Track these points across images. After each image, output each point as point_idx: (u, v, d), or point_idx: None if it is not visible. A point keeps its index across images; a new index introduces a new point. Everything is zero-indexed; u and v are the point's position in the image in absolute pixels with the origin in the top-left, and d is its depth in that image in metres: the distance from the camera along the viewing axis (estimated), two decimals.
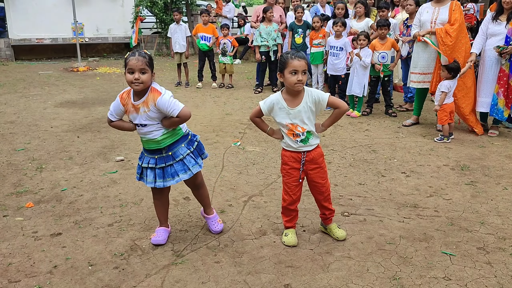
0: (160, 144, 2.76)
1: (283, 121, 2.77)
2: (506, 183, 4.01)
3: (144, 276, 2.58)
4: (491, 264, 2.71)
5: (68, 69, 11.07)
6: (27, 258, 2.75)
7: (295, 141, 2.79)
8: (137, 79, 2.57)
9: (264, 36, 8.09)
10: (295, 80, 2.64)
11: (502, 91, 5.25)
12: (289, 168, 2.85)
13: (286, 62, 2.65)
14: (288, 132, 2.79)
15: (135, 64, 2.57)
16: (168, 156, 2.78)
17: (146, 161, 2.82)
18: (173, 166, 2.79)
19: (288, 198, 2.89)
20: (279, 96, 2.78)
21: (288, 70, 2.64)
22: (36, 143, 5.10)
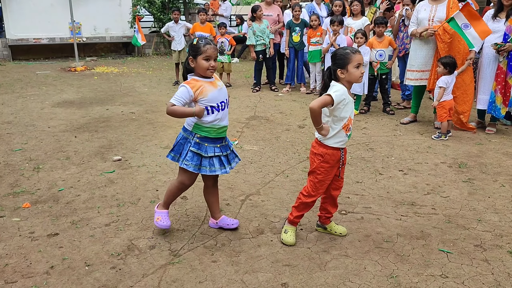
0: (225, 131, 2.94)
1: (347, 114, 2.74)
2: (504, 180, 4.01)
3: (141, 276, 2.58)
4: (488, 262, 2.71)
5: (65, 69, 11.04)
6: (23, 259, 2.75)
7: (346, 135, 2.79)
8: (213, 66, 2.78)
9: (259, 34, 8.07)
10: (360, 73, 2.70)
11: (499, 89, 5.25)
12: (329, 167, 2.81)
13: (349, 57, 2.66)
14: (344, 126, 2.75)
15: (212, 52, 2.76)
16: (226, 146, 2.96)
17: (211, 151, 2.86)
18: (229, 155, 2.98)
19: (316, 194, 2.86)
20: (345, 88, 2.72)
21: (352, 64, 2.67)
22: (33, 143, 5.09)
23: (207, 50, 2.74)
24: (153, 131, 5.60)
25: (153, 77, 10.02)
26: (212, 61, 2.77)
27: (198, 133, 2.84)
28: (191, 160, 2.83)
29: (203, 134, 2.83)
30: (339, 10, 7.12)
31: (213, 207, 3.12)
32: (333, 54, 2.79)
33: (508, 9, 5.17)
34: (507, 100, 5.25)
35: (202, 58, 2.75)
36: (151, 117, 6.33)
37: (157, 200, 3.59)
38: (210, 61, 2.76)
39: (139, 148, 4.92)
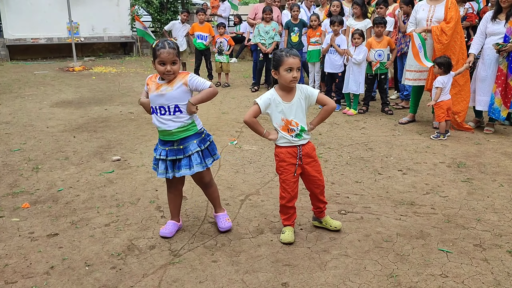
0: (173, 136, 2.82)
1: (279, 117, 2.81)
2: (502, 180, 4.02)
3: (141, 276, 2.58)
4: (488, 261, 2.72)
5: (63, 69, 11.03)
6: (23, 259, 2.74)
7: (290, 136, 2.83)
8: (169, 71, 2.71)
9: (262, 35, 8.10)
10: (291, 77, 2.71)
11: (499, 90, 5.25)
12: (286, 165, 2.86)
13: (281, 60, 2.71)
14: (283, 128, 2.82)
15: (166, 57, 2.68)
16: (179, 150, 2.84)
17: (159, 153, 2.88)
18: (181, 160, 2.85)
19: (286, 195, 2.90)
20: (273, 92, 2.82)
21: (283, 67, 2.70)
22: (32, 143, 5.08)
23: (161, 55, 2.68)
24: (152, 131, 5.59)
25: None
26: (168, 66, 2.69)
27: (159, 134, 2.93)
28: (154, 160, 2.97)
29: (159, 136, 2.92)
30: (337, 11, 7.13)
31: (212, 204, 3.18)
32: (272, 54, 2.87)
33: (507, 10, 5.17)
34: (508, 102, 5.24)
35: (157, 63, 2.71)
36: (150, 117, 6.29)
37: (157, 200, 3.59)
38: (166, 65, 2.69)
39: (138, 148, 4.92)
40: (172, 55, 2.68)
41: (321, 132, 5.55)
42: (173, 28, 8.97)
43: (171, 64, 2.70)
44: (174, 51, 2.70)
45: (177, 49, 2.77)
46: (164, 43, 2.71)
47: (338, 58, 6.78)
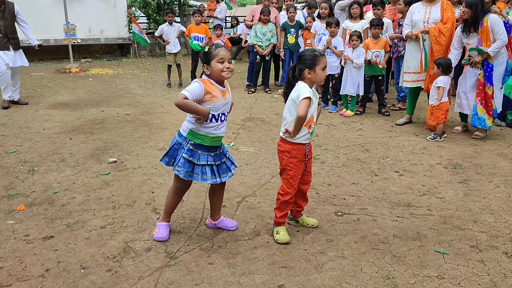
0: (220, 141, 2.93)
1: (311, 112, 2.87)
2: (498, 181, 4.03)
3: (137, 278, 2.57)
4: (484, 262, 2.72)
5: (60, 71, 10.99)
6: (18, 262, 2.73)
7: (308, 132, 2.91)
8: (228, 68, 2.75)
9: (259, 36, 8.10)
10: (324, 75, 2.85)
11: (479, 100, 5.25)
12: (297, 161, 2.93)
13: (317, 59, 2.81)
14: (306, 124, 2.87)
15: (225, 54, 2.74)
16: (221, 154, 2.93)
17: (204, 159, 2.84)
18: (226, 162, 2.95)
19: (292, 191, 2.95)
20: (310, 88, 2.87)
21: (320, 66, 2.81)
22: (27, 145, 5.06)
23: (219, 53, 2.73)
24: (149, 132, 5.58)
25: (148, 78, 9.99)
26: (227, 63, 2.74)
27: (192, 139, 2.82)
28: (182, 166, 2.82)
29: (197, 141, 2.82)
30: (326, 13, 7.15)
31: (215, 208, 3.14)
32: (300, 55, 2.92)
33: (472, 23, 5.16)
34: (490, 110, 5.24)
35: (216, 61, 2.73)
36: (147, 118, 6.31)
37: (153, 202, 3.58)
38: (225, 62, 2.74)
39: (134, 150, 4.90)
40: (229, 53, 2.78)
41: (318, 133, 5.55)
42: (162, 32, 8.94)
43: (228, 61, 2.75)
44: (229, 52, 2.82)
45: None
46: (218, 44, 2.81)
47: (335, 59, 6.79)
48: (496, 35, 5.05)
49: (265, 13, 8.03)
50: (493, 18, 5.06)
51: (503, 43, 5.06)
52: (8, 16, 6.69)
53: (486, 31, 5.09)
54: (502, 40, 5.03)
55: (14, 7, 6.79)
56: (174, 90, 8.69)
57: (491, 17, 5.07)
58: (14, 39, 6.82)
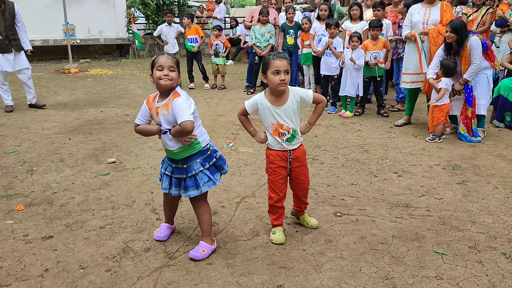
0: (176, 156, 2.73)
1: (268, 121, 2.81)
2: (497, 182, 4.04)
3: (136, 278, 2.57)
4: (483, 263, 2.72)
5: (59, 71, 10.99)
6: (17, 262, 2.73)
7: (281, 140, 2.82)
8: (166, 75, 2.59)
9: (257, 37, 8.12)
10: (278, 80, 2.67)
11: (462, 119, 5.31)
12: (276, 167, 2.88)
13: (268, 63, 2.69)
14: (273, 132, 2.82)
15: (164, 61, 2.61)
16: (183, 169, 2.74)
17: (165, 167, 2.83)
18: (186, 180, 2.74)
19: (275, 196, 2.92)
20: (262, 96, 2.81)
21: (270, 70, 2.68)
22: (27, 145, 5.06)
23: (159, 60, 2.63)
24: None
25: (147, 79, 9.99)
26: (166, 70, 2.59)
27: None
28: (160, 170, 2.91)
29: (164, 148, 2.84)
30: (325, 15, 7.17)
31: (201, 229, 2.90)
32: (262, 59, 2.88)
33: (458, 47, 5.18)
34: (470, 130, 5.31)
35: (155, 69, 2.63)
36: None
37: (152, 202, 3.58)
38: (163, 70, 2.60)
39: (133, 150, 4.90)
40: (170, 61, 2.62)
41: (317, 134, 5.56)
42: (161, 32, 8.96)
43: (169, 69, 2.60)
44: (173, 59, 2.65)
45: (177, 61, 2.70)
46: (163, 53, 2.75)
47: (334, 60, 6.80)
48: (471, 58, 5.14)
49: (264, 14, 8.04)
50: (473, 41, 5.12)
51: (476, 67, 5.15)
52: (9, 17, 6.41)
53: (466, 55, 5.17)
54: (476, 64, 5.13)
55: (14, 7, 6.49)
56: None
57: (471, 40, 5.13)
58: (15, 41, 6.53)
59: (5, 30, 6.39)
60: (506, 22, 6.84)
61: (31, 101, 6.93)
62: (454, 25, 5.10)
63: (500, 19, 6.91)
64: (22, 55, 6.79)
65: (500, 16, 6.86)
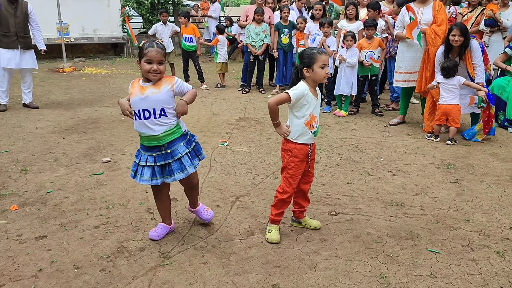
0: (160, 141, 2.76)
1: (308, 111, 2.86)
2: (490, 181, 4.06)
3: (131, 278, 2.56)
4: (476, 261, 2.74)
5: (53, 70, 10.93)
6: (11, 262, 2.71)
7: (310, 132, 2.89)
8: (155, 70, 2.66)
9: (252, 36, 8.11)
10: (324, 73, 2.83)
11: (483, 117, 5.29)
12: (299, 161, 2.91)
13: (315, 57, 2.80)
14: (307, 123, 2.86)
15: (154, 55, 2.65)
16: (167, 154, 2.78)
17: (143, 159, 2.81)
18: (171, 164, 2.79)
19: (290, 190, 2.94)
20: (306, 86, 2.85)
21: (318, 64, 2.80)
22: (20, 144, 5.03)
23: (148, 53, 2.65)
24: None
25: None
26: (155, 65, 2.65)
27: (140, 140, 2.86)
28: (133, 167, 2.89)
29: (141, 141, 2.85)
30: (319, 14, 7.19)
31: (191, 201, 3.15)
32: (300, 54, 2.93)
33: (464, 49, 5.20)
34: (487, 128, 5.30)
35: (144, 61, 2.67)
36: None
37: (147, 202, 3.57)
38: (152, 64, 2.65)
39: (128, 149, 4.89)
40: (160, 55, 2.66)
41: None
42: (156, 31, 8.94)
43: (158, 63, 2.66)
44: (162, 51, 2.69)
45: (165, 50, 2.75)
46: (152, 42, 2.69)
47: None
48: (474, 60, 5.21)
49: (259, 13, 8.04)
50: (473, 44, 5.19)
51: (482, 68, 5.23)
52: (20, 15, 6.53)
53: (468, 57, 5.22)
54: (480, 65, 5.21)
55: (28, 7, 6.62)
56: None
57: (472, 43, 5.19)
58: (24, 38, 6.60)
59: (14, 26, 6.51)
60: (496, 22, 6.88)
61: (26, 101, 6.90)
62: (462, 28, 5.12)
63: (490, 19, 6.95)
64: (32, 54, 6.82)
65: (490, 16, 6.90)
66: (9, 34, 6.46)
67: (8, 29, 6.44)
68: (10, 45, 6.52)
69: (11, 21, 6.47)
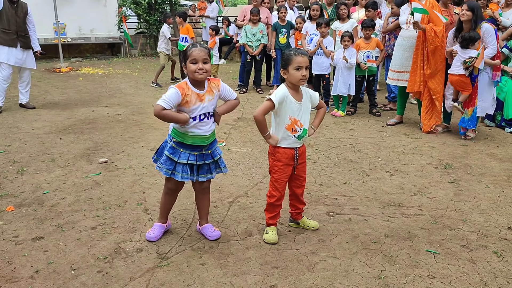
0: (208, 140, 2.84)
1: (287, 115, 2.81)
2: (488, 181, 4.07)
3: (128, 279, 2.55)
4: (474, 262, 2.74)
5: (50, 70, 10.89)
6: (7, 263, 2.69)
7: (292, 136, 2.84)
8: (201, 69, 2.69)
9: (249, 37, 8.11)
10: (300, 75, 2.74)
11: None
12: (282, 165, 2.89)
13: (290, 59, 2.74)
14: (288, 127, 2.82)
15: (198, 54, 2.68)
16: (207, 154, 2.86)
17: (184, 157, 2.80)
18: (210, 165, 2.89)
19: (277, 194, 2.92)
20: (286, 89, 2.82)
21: (293, 66, 2.74)
22: (17, 145, 5.00)
23: (192, 53, 2.69)
24: (140, 132, 5.55)
25: (139, 78, 9.94)
26: (200, 63, 2.68)
27: (175, 137, 2.83)
28: (164, 163, 2.84)
29: (179, 139, 2.81)
30: (317, 15, 7.21)
31: (200, 213, 3.10)
32: (282, 54, 2.91)
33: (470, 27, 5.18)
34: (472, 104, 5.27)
35: (189, 62, 2.70)
36: (138, 118, 6.27)
37: (144, 202, 3.56)
38: (198, 63, 2.68)
39: (125, 150, 4.87)
40: (204, 53, 2.69)
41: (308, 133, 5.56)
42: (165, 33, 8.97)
43: (202, 62, 2.68)
44: (206, 50, 2.72)
45: (209, 50, 2.77)
46: (196, 44, 2.75)
47: (325, 60, 6.81)
48: (488, 44, 5.15)
49: (255, 14, 8.04)
50: (487, 27, 5.13)
51: (494, 52, 5.18)
52: (21, 15, 6.58)
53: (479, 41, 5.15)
54: (494, 49, 5.15)
55: (27, 8, 6.69)
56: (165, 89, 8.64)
57: (485, 26, 5.14)
58: (24, 38, 6.63)
59: (15, 25, 6.54)
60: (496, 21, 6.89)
61: (23, 101, 6.88)
62: (470, 4, 5.11)
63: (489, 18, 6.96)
64: (30, 54, 6.85)
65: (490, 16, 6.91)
66: (9, 31, 6.49)
67: (9, 27, 6.48)
68: (10, 43, 6.53)
69: (12, 20, 6.50)
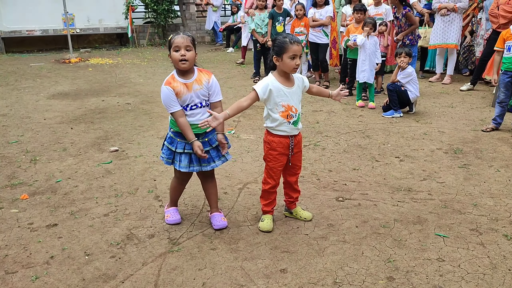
0: (202, 129, 2.76)
1: (280, 102, 2.76)
2: (499, 165, 4.04)
3: (140, 264, 2.60)
4: (484, 245, 2.74)
5: (59, 61, 10.96)
6: (23, 250, 2.76)
7: (288, 123, 2.80)
8: (183, 55, 2.65)
9: (258, 23, 8.05)
10: (294, 64, 2.70)
11: None
12: (277, 154, 2.87)
13: (286, 47, 2.66)
14: (282, 114, 2.78)
15: (180, 41, 2.66)
16: (204, 142, 2.83)
17: (181, 146, 2.82)
18: (209, 152, 2.84)
19: (272, 182, 2.93)
20: (272, 78, 2.77)
21: (288, 54, 2.67)
22: (29, 135, 5.07)
23: (175, 41, 2.66)
24: (150, 121, 5.59)
25: (148, 67, 9.97)
26: (182, 50, 2.65)
27: (172, 127, 2.86)
28: (165, 153, 2.89)
29: (175, 129, 2.84)
30: (322, 1, 7.20)
31: (208, 201, 3.13)
32: (273, 39, 2.85)
33: None
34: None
35: (172, 50, 2.68)
36: (147, 107, 6.31)
37: (155, 189, 3.60)
38: (180, 50, 2.65)
39: (135, 138, 4.92)
40: (186, 41, 2.66)
41: (318, 120, 5.56)
42: None
43: (185, 49, 2.66)
44: (188, 38, 2.69)
45: (193, 39, 2.74)
46: (179, 32, 2.75)
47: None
48: None
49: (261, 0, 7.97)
50: None
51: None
52: None
53: None
54: None
55: None
56: None
57: None
58: None
59: None
60: None
61: None
62: None
63: None
64: None
65: None
66: None
67: None
68: None
69: None
